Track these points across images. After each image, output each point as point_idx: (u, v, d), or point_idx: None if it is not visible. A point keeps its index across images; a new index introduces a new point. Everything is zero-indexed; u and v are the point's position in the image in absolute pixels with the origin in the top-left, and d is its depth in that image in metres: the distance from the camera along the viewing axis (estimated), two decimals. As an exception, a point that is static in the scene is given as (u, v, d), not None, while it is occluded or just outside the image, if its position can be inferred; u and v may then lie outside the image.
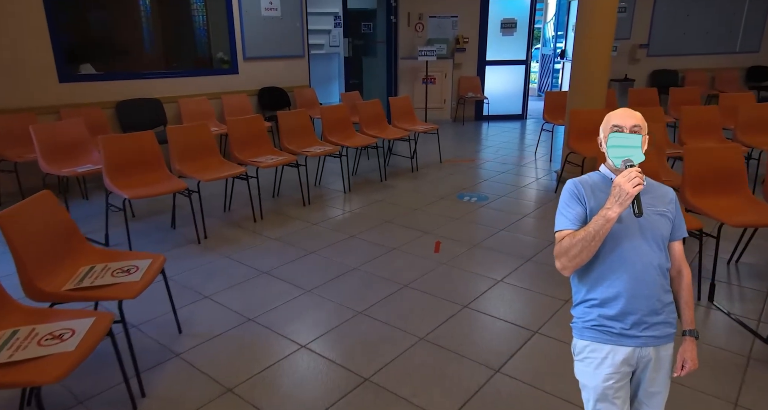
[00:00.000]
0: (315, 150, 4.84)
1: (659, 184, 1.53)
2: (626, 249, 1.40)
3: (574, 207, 1.45)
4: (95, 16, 5.62)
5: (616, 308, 1.41)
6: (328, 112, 5.38)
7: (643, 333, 1.40)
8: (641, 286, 1.39)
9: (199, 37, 6.47)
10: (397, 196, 5.01)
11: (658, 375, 1.46)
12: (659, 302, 1.41)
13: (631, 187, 1.26)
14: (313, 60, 11.57)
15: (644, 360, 1.44)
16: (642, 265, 1.39)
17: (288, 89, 7.04)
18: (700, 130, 4.90)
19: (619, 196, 1.28)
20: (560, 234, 1.44)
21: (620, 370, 1.42)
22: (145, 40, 6.08)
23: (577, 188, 1.47)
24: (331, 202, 4.86)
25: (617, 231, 1.39)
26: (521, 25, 9.15)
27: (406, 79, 8.88)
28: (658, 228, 1.43)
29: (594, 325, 1.44)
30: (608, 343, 1.42)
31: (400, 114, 6.17)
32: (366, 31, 9.27)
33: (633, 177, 1.27)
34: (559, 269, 1.42)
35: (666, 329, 1.43)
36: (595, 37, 4.93)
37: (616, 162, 1.39)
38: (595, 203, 1.42)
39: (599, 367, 1.43)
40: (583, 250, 1.34)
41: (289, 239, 3.92)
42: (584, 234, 1.33)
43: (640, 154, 1.38)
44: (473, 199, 4.91)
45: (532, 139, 7.74)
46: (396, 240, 3.89)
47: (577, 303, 1.51)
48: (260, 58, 6.71)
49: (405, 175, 5.76)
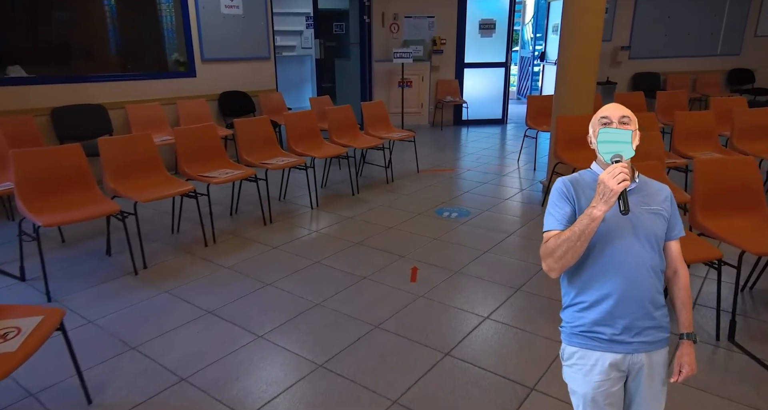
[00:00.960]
0: (277, 162, 4.32)
1: (653, 181, 1.46)
2: (617, 250, 1.34)
3: (563, 207, 1.39)
4: (27, 11, 4.99)
5: (606, 311, 1.35)
6: (294, 120, 4.87)
7: (634, 338, 1.35)
8: (633, 288, 1.34)
9: (152, 35, 5.89)
10: (370, 212, 4.53)
11: (653, 383, 1.39)
12: (652, 305, 1.36)
13: (616, 183, 1.21)
14: (284, 62, 11.07)
15: (636, 367, 1.38)
16: (634, 266, 1.34)
17: (252, 94, 6.50)
18: (695, 138, 4.55)
19: (604, 193, 1.22)
20: (547, 234, 1.38)
21: (611, 376, 1.36)
22: (88, 39, 5.48)
23: (566, 187, 1.41)
24: (296, 219, 4.35)
25: (608, 230, 1.34)
26: (500, 27, 8.79)
27: (381, 83, 8.42)
28: (651, 228, 1.37)
29: (582, 331, 1.39)
30: (597, 350, 1.37)
31: (373, 120, 5.70)
32: (338, 31, 8.79)
33: (618, 173, 1.21)
34: (546, 271, 1.36)
35: (658, 334, 1.38)
36: (582, 38, 4.54)
37: (606, 157, 1.33)
38: (585, 202, 1.35)
39: (589, 374, 1.38)
40: (568, 251, 1.29)
41: (244, 267, 3.40)
42: (569, 234, 1.28)
43: (630, 149, 1.32)
44: (453, 214, 4.45)
45: (513, 145, 7.34)
46: (367, 267, 3.41)
47: (566, 307, 1.45)
48: (220, 59, 6.16)
49: (379, 187, 5.28)
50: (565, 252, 1.29)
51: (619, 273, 1.34)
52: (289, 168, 4.60)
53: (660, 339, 1.38)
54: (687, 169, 4.23)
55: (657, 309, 1.37)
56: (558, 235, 1.32)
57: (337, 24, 8.72)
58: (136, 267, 3.31)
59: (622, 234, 1.34)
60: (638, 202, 1.36)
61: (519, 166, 6.13)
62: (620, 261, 1.34)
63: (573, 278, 1.41)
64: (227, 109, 6.22)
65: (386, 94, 8.44)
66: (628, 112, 1.41)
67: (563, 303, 1.47)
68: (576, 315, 1.40)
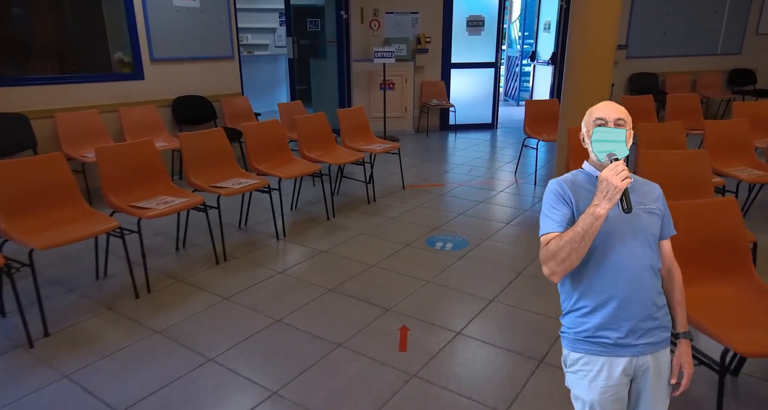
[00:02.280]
0: (231, 186, 3.52)
1: (645, 180, 1.46)
2: (618, 251, 1.32)
3: (560, 209, 1.36)
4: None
5: (609, 315, 1.32)
6: (255, 131, 4.07)
7: (638, 341, 1.32)
8: (636, 290, 1.31)
9: (90, 30, 5.02)
10: (349, 243, 3.76)
11: (659, 383, 1.36)
12: (654, 305, 1.34)
13: (619, 180, 1.19)
14: (256, 62, 10.24)
15: (642, 368, 1.35)
16: (636, 267, 1.32)
17: (213, 98, 5.68)
18: (727, 151, 3.89)
19: (607, 190, 1.20)
20: (546, 237, 1.34)
21: (618, 382, 1.33)
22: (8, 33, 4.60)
23: (562, 188, 1.39)
24: (257, 255, 3.56)
25: (607, 231, 1.31)
26: (489, 24, 8.10)
27: (361, 85, 7.65)
28: (649, 227, 1.36)
29: (587, 337, 1.35)
30: (603, 355, 1.33)
31: (352, 130, 4.93)
32: (313, 28, 7.98)
33: (621, 170, 1.20)
34: (547, 275, 1.31)
35: (662, 334, 1.36)
36: (595, 38, 3.87)
37: (601, 156, 1.33)
38: (582, 203, 1.34)
39: (595, 380, 1.34)
40: (572, 252, 1.25)
41: (181, 332, 2.61)
42: (572, 235, 1.24)
43: (624, 149, 1.31)
44: (448, 245, 3.71)
45: (507, 154, 6.64)
46: (343, 327, 2.64)
47: (567, 312, 1.41)
48: (173, 59, 5.32)
49: (359, 209, 4.52)
50: (568, 254, 1.25)
51: (621, 276, 1.31)
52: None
53: (664, 339, 1.36)
54: (724, 190, 3.57)
55: (659, 310, 1.35)
56: (559, 237, 1.28)
57: (311, 20, 7.91)
58: (31, 338, 2.48)
59: (622, 235, 1.32)
60: (635, 202, 1.33)
61: (517, 181, 5.43)
62: (622, 263, 1.31)
63: (574, 282, 1.38)
64: (183, 117, 5.39)
65: (366, 97, 7.68)
66: (623, 114, 1.39)
67: (563, 309, 1.43)
68: (579, 321, 1.37)
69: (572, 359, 1.38)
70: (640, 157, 2.93)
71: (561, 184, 1.39)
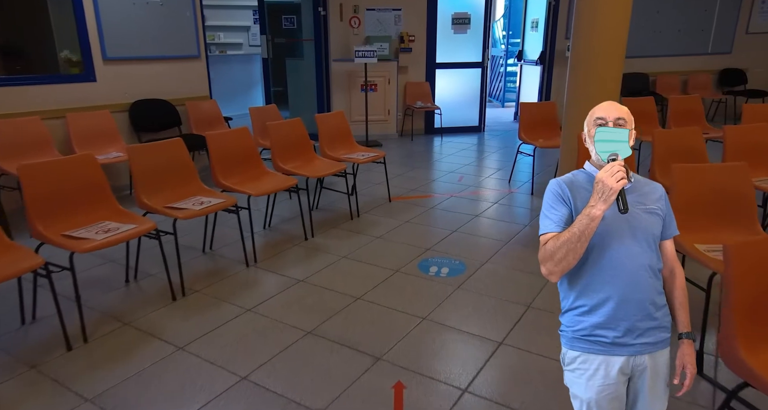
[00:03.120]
0: (191, 207, 3.00)
1: (647, 180, 1.43)
2: (616, 251, 1.30)
3: (559, 209, 1.35)
4: None
5: (607, 314, 1.31)
6: (220, 141, 3.54)
7: (636, 340, 1.31)
8: (633, 289, 1.30)
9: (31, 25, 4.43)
10: (329, 269, 3.27)
11: (656, 384, 1.35)
12: (653, 305, 1.32)
13: (615, 181, 1.18)
14: (229, 62, 9.65)
15: (640, 368, 1.34)
16: (633, 267, 1.30)
17: (178, 102, 5.13)
18: (751, 160, 3.50)
19: (603, 192, 1.19)
20: (544, 237, 1.33)
21: (615, 380, 1.32)
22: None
23: (561, 188, 1.38)
24: (221, 288, 3.04)
25: (605, 231, 1.30)
26: (476, 22, 7.68)
27: (341, 86, 7.16)
28: (649, 227, 1.34)
29: (584, 335, 1.35)
30: (600, 354, 1.33)
31: (332, 137, 4.43)
32: (289, 26, 7.46)
33: (616, 171, 1.19)
34: (546, 275, 1.31)
35: (661, 334, 1.34)
36: (605, 35, 3.46)
37: (603, 156, 1.29)
38: (581, 203, 1.33)
39: (592, 379, 1.34)
40: (568, 253, 1.24)
41: (118, 400, 2.08)
42: (569, 236, 1.23)
43: (627, 149, 1.27)
44: (443, 270, 3.25)
45: (497, 159, 6.23)
46: (324, 385, 2.15)
47: (566, 310, 1.41)
48: (130, 59, 4.76)
49: (341, 226, 4.03)
50: (565, 254, 1.25)
51: (618, 276, 1.30)
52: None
53: (662, 339, 1.35)
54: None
55: (658, 310, 1.33)
56: (556, 237, 1.28)
57: (287, 17, 7.38)
58: None
59: (620, 235, 1.31)
60: (634, 202, 1.33)
61: (511, 190, 5.00)
62: (619, 262, 1.30)
63: (572, 281, 1.37)
64: (142, 124, 4.82)
65: (347, 99, 7.18)
66: (624, 113, 1.37)
67: (562, 307, 1.42)
68: (576, 319, 1.36)
69: (570, 357, 1.39)
70: (676, 174, 2.50)
71: (560, 184, 1.38)
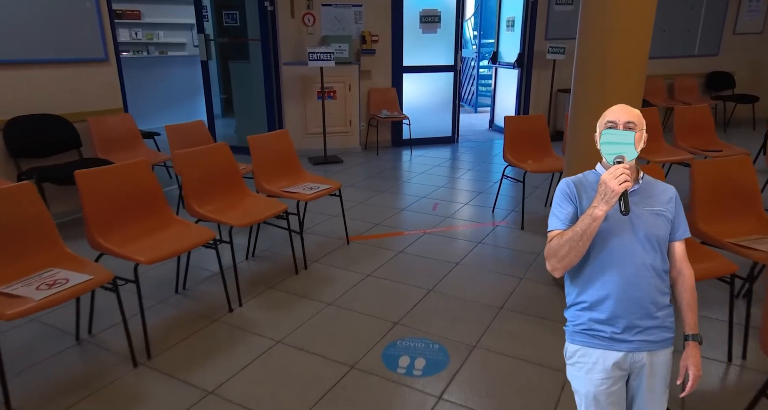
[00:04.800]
0: (34, 295, 1.95)
1: (657, 181, 1.44)
2: (617, 250, 1.33)
3: (566, 207, 1.39)
4: None
5: (606, 311, 1.34)
6: (97, 180, 2.48)
7: (635, 337, 1.33)
8: (632, 288, 1.32)
9: None
10: (254, 369, 2.29)
11: (654, 382, 1.36)
12: (653, 305, 1.33)
13: (617, 184, 1.21)
14: (170, 65, 8.49)
15: (638, 366, 1.36)
16: (634, 266, 1.32)
17: (76, 118, 4.03)
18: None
19: (605, 193, 1.23)
20: (551, 234, 1.38)
21: (612, 375, 1.35)
22: None
23: (569, 187, 1.41)
24: (91, 406, 2.02)
25: (608, 231, 1.33)
26: (446, 20, 6.81)
27: (294, 93, 6.15)
28: (653, 228, 1.35)
29: (584, 329, 1.38)
30: (598, 348, 1.36)
31: (271, 164, 3.44)
32: (231, 23, 6.40)
33: (619, 174, 1.22)
34: (550, 270, 1.35)
35: (662, 333, 1.35)
36: (624, 36, 2.60)
37: (609, 158, 1.33)
38: (587, 202, 1.36)
39: (590, 372, 1.36)
40: (571, 251, 1.29)
41: None
42: (572, 234, 1.28)
43: (633, 151, 1.32)
44: (417, 362, 2.31)
45: (476, 179, 5.35)
46: None
47: (569, 306, 1.43)
48: (5, 62, 3.65)
49: (281, 285, 3.05)
50: (567, 252, 1.28)
51: (617, 273, 1.32)
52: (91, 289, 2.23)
53: (663, 339, 1.35)
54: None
55: (659, 310, 1.33)
56: (561, 235, 1.31)
57: (228, 13, 6.33)
58: None
59: (621, 234, 1.32)
60: (640, 203, 1.35)
61: (495, 221, 4.12)
62: (619, 261, 1.32)
63: (575, 278, 1.39)
64: (23, 148, 3.71)
65: (301, 108, 6.19)
66: (634, 116, 1.36)
67: (567, 302, 1.45)
68: (578, 314, 1.39)
69: (571, 351, 1.41)
70: None
71: (569, 184, 1.41)
